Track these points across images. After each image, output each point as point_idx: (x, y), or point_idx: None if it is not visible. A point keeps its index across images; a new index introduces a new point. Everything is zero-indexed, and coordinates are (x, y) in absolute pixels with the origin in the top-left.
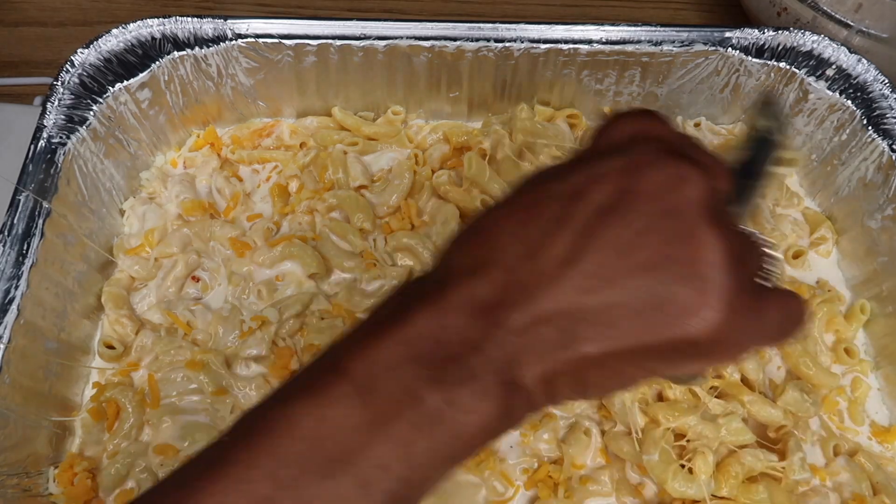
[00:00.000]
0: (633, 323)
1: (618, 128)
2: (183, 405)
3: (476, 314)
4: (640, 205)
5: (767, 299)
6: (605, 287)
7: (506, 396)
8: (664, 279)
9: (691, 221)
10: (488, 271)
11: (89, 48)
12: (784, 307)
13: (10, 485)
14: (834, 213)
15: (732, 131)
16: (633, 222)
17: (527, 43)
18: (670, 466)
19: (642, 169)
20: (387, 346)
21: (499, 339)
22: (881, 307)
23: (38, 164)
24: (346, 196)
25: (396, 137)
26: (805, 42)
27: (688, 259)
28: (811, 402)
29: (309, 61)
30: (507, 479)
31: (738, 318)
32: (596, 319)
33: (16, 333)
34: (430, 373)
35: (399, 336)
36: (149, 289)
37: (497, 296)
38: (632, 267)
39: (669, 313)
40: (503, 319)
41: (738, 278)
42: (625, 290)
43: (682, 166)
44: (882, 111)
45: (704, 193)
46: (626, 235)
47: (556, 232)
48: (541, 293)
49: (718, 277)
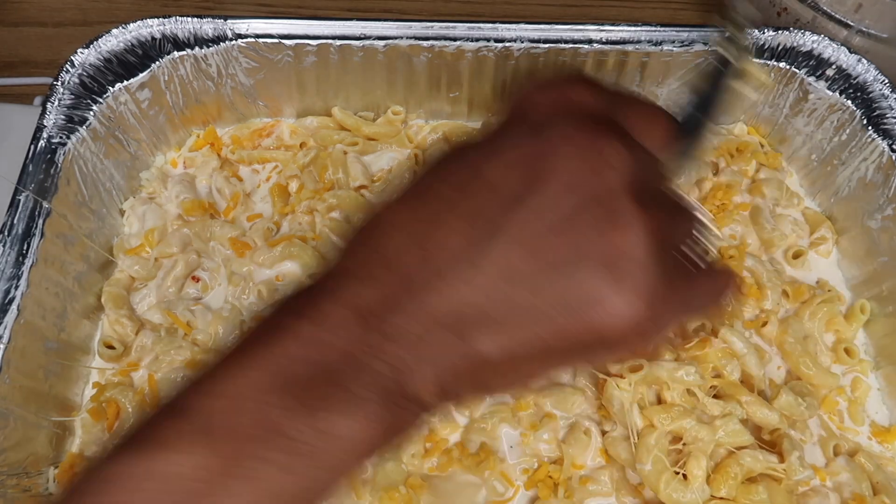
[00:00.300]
0: (537, 324)
1: (535, 98)
2: None
3: (357, 323)
4: (550, 189)
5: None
6: (507, 286)
7: (391, 412)
8: (574, 275)
9: (609, 208)
10: (374, 272)
11: (89, 48)
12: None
13: (10, 485)
14: (834, 213)
15: (732, 131)
16: (540, 210)
17: (527, 43)
18: (663, 475)
19: (554, 146)
20: (244, 376)
21: (384, 350)
22: (881, 307)
23: (38, 164)
24: (346, 196)
25: (396, 137)
26: (805, 42)
27: (602, 252)
28: (806, 406)
29: (309, 61)
30: (507, 479)
31: (655, 306)
32: (494, 319)
33: (16, 333)
34: (296, 401)
35: (263, 362)
36: (149, 289)
37: (382, 300)
38: (538, 262)
39: (579, 312)
40: (389, 327)
41: (658, 262)
42: (527, 289)
43: (601, 141)
44: (882, 111)
45: (626, 175)
46: (532, 226)
47: (451, 223)
48: (432, 295)
49: (637, 271)
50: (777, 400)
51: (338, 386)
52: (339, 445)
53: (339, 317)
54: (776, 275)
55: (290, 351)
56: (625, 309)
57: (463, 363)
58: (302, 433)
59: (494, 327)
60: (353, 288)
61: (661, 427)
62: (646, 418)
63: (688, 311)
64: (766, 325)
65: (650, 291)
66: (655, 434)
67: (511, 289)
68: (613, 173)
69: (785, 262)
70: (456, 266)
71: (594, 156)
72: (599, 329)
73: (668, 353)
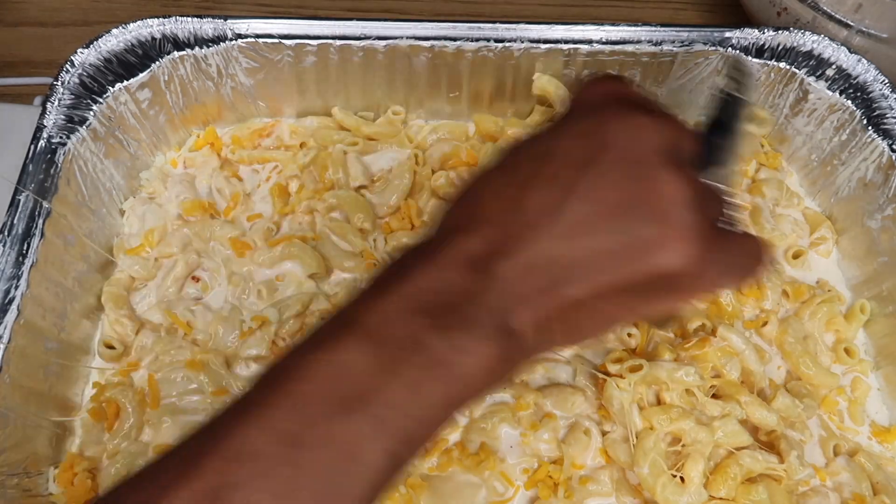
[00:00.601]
0: (610, 262)
1: (590, 90)
2: (183, 405)
3: (469, 267)
4: (608, 156)
5: (729, 239)
6: (583, 233)
7: (503, 340)
8: (633, 220)
9: (653, 166)
10: (477, 227)
11: (89, 48)
12: (744, 246)
13: (10, 485)
14: (834, 213)
15: None
16: (603, 172)
17: (527, 43)
18: (660, 478)
19: (609, 122)
20: (391, 301)
21: (492, 287)
22: (881, 307)
23: (38, 164)
24: (346, 196)
25: (396, 137)
26: (805, 42)
27: (650, 200)
28: (803, 408)
29: (309, 61)
30: (507, 479)
31: (702, 251)
32: (577, 263)
33: (16, 333)
34: (433, 321)
35: (401, 290)
36: (149, 289)
37: (487, 248)
38: (605, 212)
39: (640, 249)
40: (494, 270)
41: (698, 216)
42: (600, 234)
43: (643, 118)
44: (882, 111)
45: (663, 141)
46: (598, 184)
47: (536, 185)
48: (526, 243)
49: (679, 213)
50: (774, 402)
51: (460, 314)
52: (468, 361)
53: (453, 260)
54: (776, 275)
55: (420, 285)
56: (676, 246)
57: (553, 303)
58: (439, 346)
59: (576, 270)
60: (461, 239)
61: (659, 428)
62: (645, 419)
63: (732, 267)
64: (766, 324)
65: (696, 235)
66: (653, 437)
67: (586, 235)
68: (654, 139)
69: (785, 262)
70: (542, 219)
71: (638, 128)
72: (658, 264)
73: (667, 353)
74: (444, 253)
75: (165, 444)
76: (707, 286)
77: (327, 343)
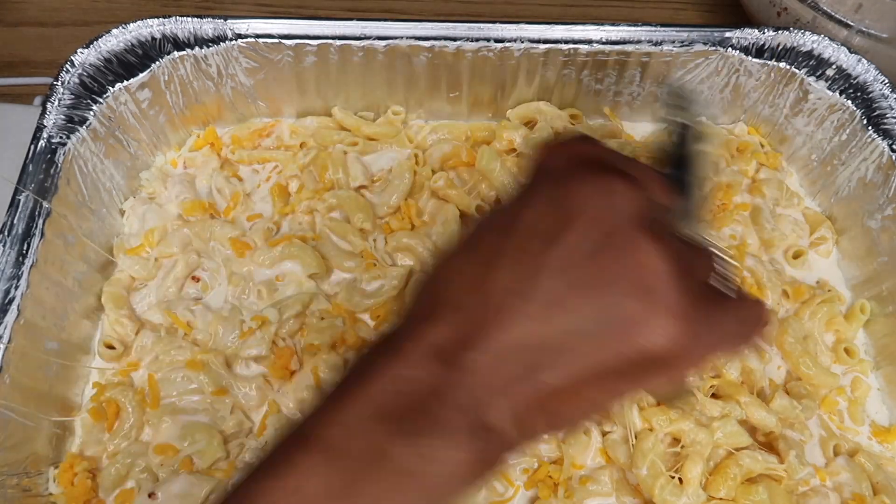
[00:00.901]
0: (588, 345)
1: (550, 155)
2: (183, 405)
3: (436, 360)
4: (576, 226)
5: (721, 304)
6: (555, 313)
7: (477, 441)
8: (611, 297)
9: (627, 234)
10: (443, 314)
11: (89, 48)
12: (740, 311)
13: (10, 485)
14: (834, 213)
15: (732, 131)
16: (571, 244)
17: (527, 43)
18: (658, 479)
19: (575, 192)
20: (352, 407)
21: (461, 382)
22: (881, 307)
23: (38, 164)
24: (346, 196)
25: (396, 137)
26: (805, 42)
27: (629, 272)
28: (801, 409)
29: (309, 61)
30: (507, 479)
31: (690, 325)
32: (552, 346)
33: (16, 333)
34: (397, 427)
35: (363, 394)
36: (149, 289)
37: (454, 338)
38: (577, 289)
39: (620, 329)
40: (463, 361)
41: (683, 285)
42: (575, 314)
43: (611, 181)
44: (882, 111)
45: (636, 205)
46: (568, 258)
47: (501, 264)
48: (496, 329)
49: (662, 286)
50: (772, 403)
51: (428, 416)
52: (439, 469)
53: (417, 354)
54: (776, 275)
55: (382, 387)
56: (661, 324)
57: (531, 392)
58: (405, 456)
59: (551, 354)
60: (425, 329)
61: (658, 429)
62: (645, 420)
63: (726, 337)
64: (766, 325)
65: (683, 309)
66: (651, 438)
67: (557, 315)
68: (627, 206)
69: (785, 262)
70: (511, 301)
71: (609, 193)
72: (642, 344)
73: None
74: (408, 347)
75: (165, 444)
76: (700, 361)
77: (282, 467)
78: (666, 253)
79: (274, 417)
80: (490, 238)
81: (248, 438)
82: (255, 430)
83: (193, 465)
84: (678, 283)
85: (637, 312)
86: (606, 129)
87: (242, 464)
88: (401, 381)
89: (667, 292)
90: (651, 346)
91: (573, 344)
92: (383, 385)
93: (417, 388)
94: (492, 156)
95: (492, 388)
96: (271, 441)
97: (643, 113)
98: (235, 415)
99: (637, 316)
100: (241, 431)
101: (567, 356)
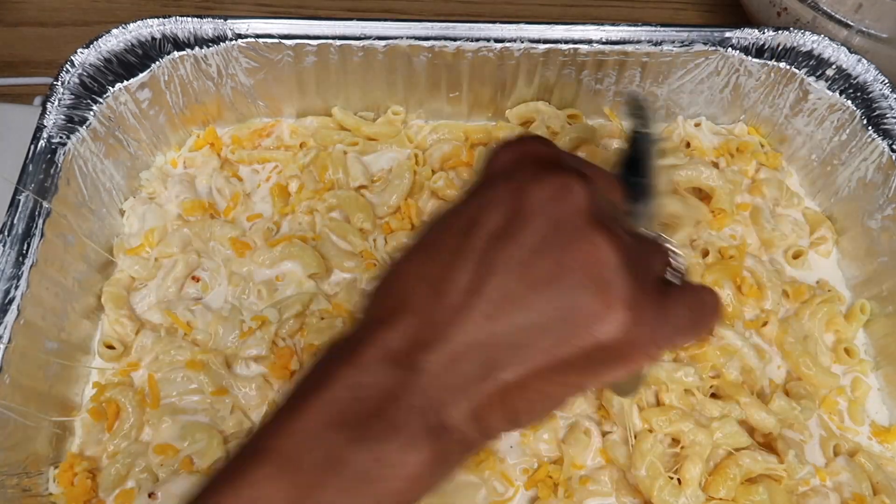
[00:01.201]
0: (543, 339)
1: (502, 155)
2: (183, 405)
3: (391, 363)
4: (529, 222)
5: (674, 295)
6: (510, 310)
7: (435, 442)
8: (563, 290)
9: (579, 228)
10: (398, 317)
11: (89, 48)
12: (692, 301)
13: (10, 485)
14: (834, 213)
15: (732, 131)
16: (524, 241)
17: (527, 43)
18: (657, 480)
19: (525, 188)
20: (306, 415)
21: (418, 384)
22: (881, 307)
23: (38, 164)
24: (346, 196)
25: (396, 137)
26: (805, 42)
27: (581, 266)
28: (801, 409)
29: (309, 61)
30: (507, 479)
31: (644, 315)
32: (508, 343)
33: (16, 333)
34: (353, 433)
35: (317, 402)
36: (149, 289)
37: (410, 340)
38: (531, 285)
39: (575, 322)
40: (419, 363)
41: (636, 277)
42: (529, 309)
43: (562, 177)
44: (882, 111)
45: (587, 200)
46: (521, 255)
47: (456, 264)
48: (452, 329)
49: (615, 278)
50: (771, 404)
51: (384, 420)
52: (395, 473)
53: (373, 359)
54: (776, 275)
55: (338, 393)
56: (615, 316)
57: (489, 391)
58: (361, 462)
59: (507, 350)
60: (381, 333)
61: (658, 430)
62: (645, 420)
63: (680, 327)
64: (767, 325)
65: (634, 299)
66: (651, 439)
67: (513, 312)
68: (576, 199)
69: (785, 262)
70: (463, 300)
71: (561, 189)
72: (596, 337)
73: (666, 353)
74: (361, 351)
75: (165, 444)
76: (656, 350)
77: (237, 479)
78: (618, 246)
79: None
80: (444, 238)
81: None
82: (254, 430)
83: (193, 465)
84: (631, 275)
85: (591, 305)
86: (606, 129)
87: None
88: (357, 388)
89: (620, 284)
90: (605, 338)
91: (529, 339)
92: (339, 392)
93: (374, 393)
94: None
95: (449, 387)
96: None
97: None
98: (235, 415)
99: (591, 308)
100: (241, 431)
101: (523, 352)
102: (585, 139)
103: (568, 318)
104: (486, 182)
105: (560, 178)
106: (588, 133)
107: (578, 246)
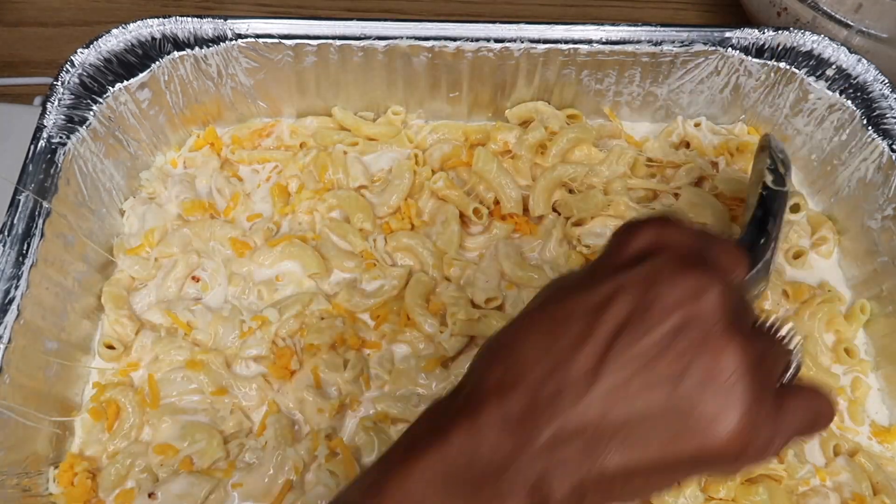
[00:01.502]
0: (655, 436)
1: (634, 238)
2: (183, 405)
3: (507, 431)
4: (659, 318)
5: (790, 400)
6: (627, 401)
7: None
8: (685, 391)
9: (709, 332)
10: (518, 388)
11: (89, 48)
12: (808, 407)
13: (10, 485)
14: (834, 213)
15: (732, 131)
16: (653, 337)
17: (527, 43)
18: None
19: (659, 282)
20: (412, 478)
21: (529, 455)
22: (881, 307)
23: (38, 164)
24: (346, 196)
25: (396, 137)
26: (805, 42)
27: (707, 369)
28: None
29: (309, 61)
30: None
31: (760, 423)
32: (620, 434)
33: (16, 333)
34: (465, 496)
35: (427, 463)
36: (149, 289)
37: (526, 412)
38: (652, 380)
39: (691, 425)
40: (532, 436)
41: (759, 383)
42: (646, 404)
43: (698, 277)
44: (882, 111)
45: (722, 305)
46: (647, 349)
47: (579, 348)
48: (567, 409)
49: (738, 384)
50: None
51: (494, 486)
52: None
53: (492, 422)
54: (776, 275)
55: (449, 456)
56: (730, 421)
57: (593, 474)
58: None
59: (619, 438)
60: (494, 403)
61: None
62: None
63: (792, 434)
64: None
65: (754, 406)
66: None
67: (629, 401)
68: (710, 304)
69: (785, 261)
70: (584, 382)
71: (694, 289)
72: (709, 440)
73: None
74: (480, 414)
75: (165, 444)
76: (765, 455)
77: None
78: (747, 353)
79: (273, 417)
80: (569, 318)
81: (248, 438)
82: (254, 429)
83: (193, 465)
84: (755, 380)
85: (708, 409)
86: (606, 129)
87: (243, 464)
88: (473, 449)
89: (742, 391)
90: (718, 444)
91: (640, 433)
92: (448, 455)
93: (487, 457)
94: (487, 157)
95: (556, 464)
96: None
97: (643, 113)
98: (235, 415)
99: (708, 412)
100: (240, 431)
101: (632, 445)
102: (585, 139)
103: (684, 420)
104: (619, 264)
105: (697, 278)
106: (588, 133)
107: (705, 350)
